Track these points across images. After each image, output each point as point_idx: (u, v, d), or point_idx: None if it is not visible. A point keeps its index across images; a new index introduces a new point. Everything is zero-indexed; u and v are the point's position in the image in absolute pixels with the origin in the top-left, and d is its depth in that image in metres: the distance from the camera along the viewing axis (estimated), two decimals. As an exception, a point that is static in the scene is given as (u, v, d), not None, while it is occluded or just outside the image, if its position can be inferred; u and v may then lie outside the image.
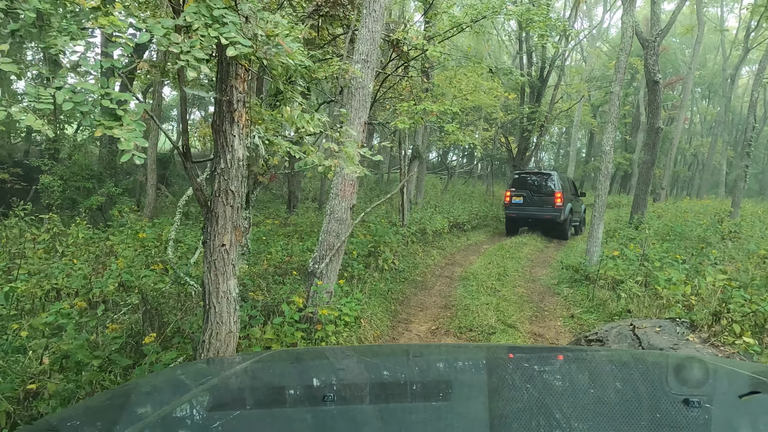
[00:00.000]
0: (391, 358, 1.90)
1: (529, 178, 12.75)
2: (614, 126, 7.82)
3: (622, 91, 7.87)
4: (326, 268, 4.47)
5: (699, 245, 8.80)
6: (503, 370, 1.69)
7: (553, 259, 10.58)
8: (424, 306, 6.64)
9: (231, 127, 2.32)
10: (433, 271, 8.77)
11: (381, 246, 7.74)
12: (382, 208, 13.31)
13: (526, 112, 17.52)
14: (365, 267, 7.08)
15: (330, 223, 4.53)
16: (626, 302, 5.64)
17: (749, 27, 22.04)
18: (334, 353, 2.21)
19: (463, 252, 10.86)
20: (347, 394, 1.44)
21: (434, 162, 33.91)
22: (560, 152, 45.22)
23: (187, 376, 1.66)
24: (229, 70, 2.26)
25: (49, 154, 10.37)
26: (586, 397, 1.39)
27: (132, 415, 1.22)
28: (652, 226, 12.71)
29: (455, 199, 17.97)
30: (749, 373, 1.57)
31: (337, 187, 4.55)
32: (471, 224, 13.94)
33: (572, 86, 19.18)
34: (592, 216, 8.06)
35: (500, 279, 8.12)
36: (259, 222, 9.24)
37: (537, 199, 12.17)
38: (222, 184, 2.38)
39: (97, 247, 5.88)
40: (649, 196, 14.46)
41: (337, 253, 4.54)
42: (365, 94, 4.52)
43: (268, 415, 1.26)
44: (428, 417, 1.23)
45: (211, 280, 2.47)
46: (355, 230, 9.10)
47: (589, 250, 8.00)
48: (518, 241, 12.26)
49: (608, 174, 7.88)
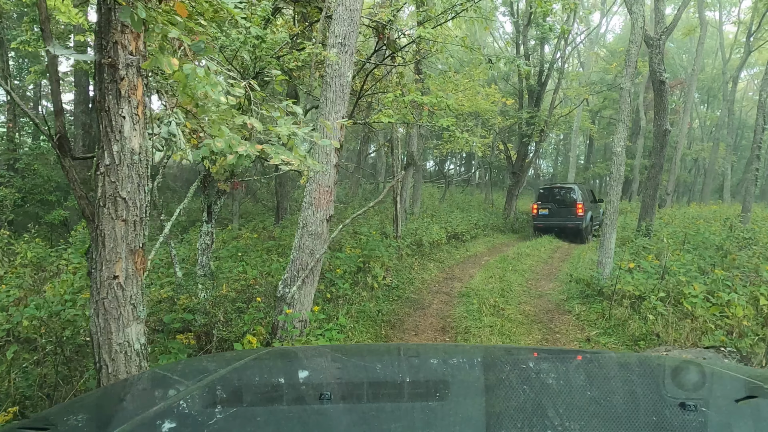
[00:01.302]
0: (389, 358, 1.89)
1: (552, 192, 14.46)
2: (625, 125, 7.13)
3: (633, 87, 7.19)
4: (298, 292, 3.72)
5: (719, 254, 8.07)
6: (500, 371, 1.68)
7: (559, 271, 9.84)
8: (420, 329, 5.87)
9: (118, 105, 1.58)
10: (429, 287, 8.01)
11: (372, 261, 6.99)
12: (375, 219, 12.57)
13: (525, 117, 16.88)
14: (353, 285, 6.33)
15: (303, 238, 3.79)
16: (652, 324, 4.88)
17: (750, 29, 21.56)
18: (332, 352, 2.15)
19: (463, 265, 10.10)
20: (344, 392, 1.42)
21: (431, 171, 33.31)
22: (558, 159, 44.67)
23: (184, 372, 1.61)
24: (110, 18, 1.52)
25: (7, 164, 9.58)
26: (582, 398, 1.39)
27: (128, 412, 1.23)
28: (662, 233, 12.01)
29: (453, 209, 17.26)
30: (746, 377, 1.54)
31: (310, 195, 3.81)
32: (470, 234, 13.20)
33: (572, 89, 18.58)
34: (603, 225, 7.33)
35: (504, 295, 7.36)
36: (237, 237, 8.47)
37: (561, 210, 13.77)
38: (108, 188, 1.64)
39: (41, 269, 5.12)
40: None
41: (311, 273, 3.79)
42: (343, 84, 3.80)
43: (266, 413, 1.25)
44: (425, 416, 1.22)
45: (100, 327, 1.72)
46: (343, 243, 8.36)
47: (601, 262, 7.25)
48: (521, 252, 11.53)
49: (620, 178, 7.16)
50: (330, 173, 3.76)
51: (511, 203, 17.67)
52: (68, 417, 1.24)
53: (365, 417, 1.21)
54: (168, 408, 1.20)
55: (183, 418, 1.18)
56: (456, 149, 23.32)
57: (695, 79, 18.47)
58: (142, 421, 1.09)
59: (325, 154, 3.77)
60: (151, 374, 1.82)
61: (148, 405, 1.24)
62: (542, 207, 14.12)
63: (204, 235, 4.35)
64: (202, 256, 4.35)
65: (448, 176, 25.63)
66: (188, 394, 1.30)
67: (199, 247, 4.35)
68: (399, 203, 9.57)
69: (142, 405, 1.30)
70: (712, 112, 37.43)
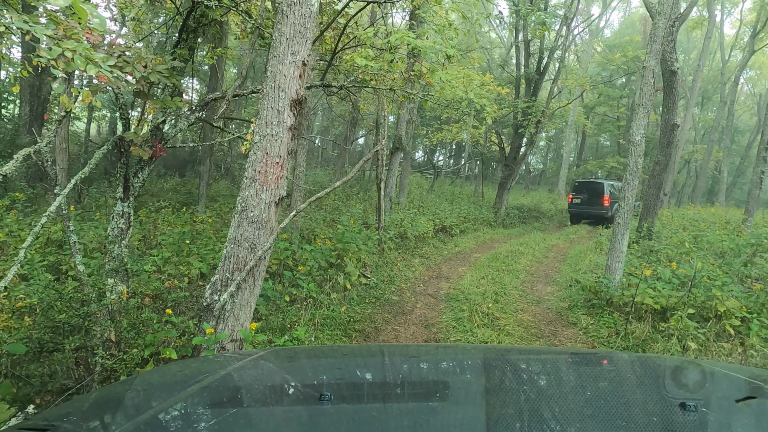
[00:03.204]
0: (389, 358, 1.85)
1: (585, 185, 17.20)
2: (646, 110, 6.16)
3: (657, 66, 6.21)
4: (231, 300, 2.67)
5: (739, 261, 7.22)
6: (500, 371, 1.66)
7: (556, 272, 8.94)
8: (399, 341, 4.87)
9: None
10: (413, 287, 7.01)
11: (347, 256, 5.96)
12: (358, 207, 11.51)
13: (521, 107, 15.91)
14: (322, 284, 5.30)
15: (241, 227, 2.73)
16: (684, 347, 3.93)
17: (755, 27, 20.84)
18: (332, 352, 2.08)
19: (451, 261, 9.13)
20: (345, 393, 1.40)
21: (420, 162, 32.31)
22: (549, 155, 43.93)
23: (184, 373, 1.57)
24: None
25: None
26: (583, 398, 1.38)
27: (129, 412, 1.22)
28: (663, 234, 11.22)
29: (442, 200, 16.28)
30: (746, 377, 1.53)
31: (253, 167, 2.75)
32: (459, 228, 12.23)
33: (571, 80, 17.64)
34: (614, 225, 6.39)
35: (498, 300, 6.40)
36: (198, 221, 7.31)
37: (591, 200, 16.43)
38: None
39: None
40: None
41: (250, 275, 2.74)
42: (305, 15, 2.72)
43: (266, 413, 1.24)
44: (425, 416, 1.21)
45: None
46: (316, 234, 7.31)
47: (610, 267, 6.33)
48: (512, 250, 10.61)
49: (637, 171, 6.21)
50: (282, 138, 2.71)
51: (502, 197, 16.77)
52: (68, 417, 1.21)
53: (365, 417, 1.20)
54: (168, 408, 1.17)
55: (183, 419, 1.16)
56: (447, 139, 22.36)
57: (700, 76, 17.66)
58: (142, 422, 1.07)
59: (276, 111, 2.71)
60: (152, 375, 1.77)
61: (148, 405, 1.22)
62: (576, 197, 16.89)
63: (117, 217, 3.25)
64: (113, 245, 3.25)
65: (437, 166, 24.61)
66: (189, 394, 1.27)
67: (109, 232, 3.26)
68: (383, 190, 8.53)
69: (143, 405, 1.27)
70: (706, 113, 36.94)
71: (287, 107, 2.70)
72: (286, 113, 2.71)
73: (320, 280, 5.50)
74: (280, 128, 2.71)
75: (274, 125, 2.72)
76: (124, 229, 3.33)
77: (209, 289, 2.72)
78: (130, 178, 3.30)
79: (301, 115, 3.02)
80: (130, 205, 3.31)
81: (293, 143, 2.79)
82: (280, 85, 2.70)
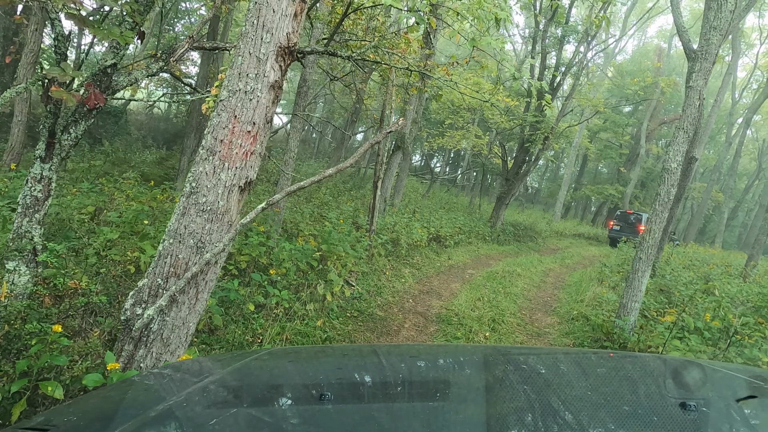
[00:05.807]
0: (390, 358, 1.83)
1: (625, 215, 20.56)
2: (688, 136, 5.46)
3: (705, 87, 5.51)
4: (161, 317, 1.87)
5: (756, 314, 6.56)
6: (501, 371, 1.64)
7: (554, 300, 8.24)
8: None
9: None
10: (401, 302, 6.24)
11: (331, 260, 5.16)
12: (349, 204, 10.71)
13: (530, 120, 15.25)
14: (298, 291, 4.50)
15: (186, 216, 1.93)
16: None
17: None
18: (332, 352, 2.05)
19: (444, 276, 8.36)
20: (345, 393, 1.39)
21: (417, 165, 31.58)
22: (545, 175, 43.48)
23: (184, 373, 1.53)
24: None
25: None
26: (583, 399, 1.37)
27: (129, 412, 1.20)
28: (667, 272, 10.59)
29: (437, 207, 15.53)
30: (747, 377, 1.52)
31: (215, 134, 1.94)
32: (454, 239, 11.48)
33: (585, 100, 17.04)
34: (635, 260, 5.68)
35: (495, 328, 5.66)
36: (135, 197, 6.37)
37: (628, 227, 19.55)
38: None
39: None
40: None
41: (192, 285, 1.93)
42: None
43: (266, 413, 1.23)
44: (426, 416, 1.20)
45: None
46: (300, 229, 6.49)
47: (625, 306, 5.61)
48: (508, 269, 9.88)
49: (668, 202, 5.50)
50: (259, 98, 1.91)
51: (499, 211, 16.07)
52: (68, 417, 1.18)
53: (366, 417, 1.19)
54: (169, 408, 1.16)
55: (184, 419, 1.15)
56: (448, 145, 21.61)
57: (716, 111, 17.14)
58: (142, 422, 1.06)
59: (256, 59, 1.90)
60: (152, 375, 1.67)
61: (148, 405, 1.20)
62: (616, 224, 20.37)
63: (33, 181, 2.40)
64: (23, 218, 2.42)
65: (434, 172, 23.90)
66: (189, 394, 1.26)
67: (20, 202, 2.42)
68: (379, 189, 7.74)
69: (143, 405, 1.23)
70: (707, 152, 36.73)
71: (272, 56, 1.91)
72: (269, 64, 1.92)
73: (297, 284, 4.69)
74: (259, 83, 1.91)
75: (250, 78, 1.92)
76: (40, 199, 2.49)
77: (131, 299, 1.90)
78: (58, 132, 2.47)
79: (284, 63, 2.21)
80: (52, 168, 2.48)
81: (274, 108, 2.00)
82: (265, 23, 1.91)
